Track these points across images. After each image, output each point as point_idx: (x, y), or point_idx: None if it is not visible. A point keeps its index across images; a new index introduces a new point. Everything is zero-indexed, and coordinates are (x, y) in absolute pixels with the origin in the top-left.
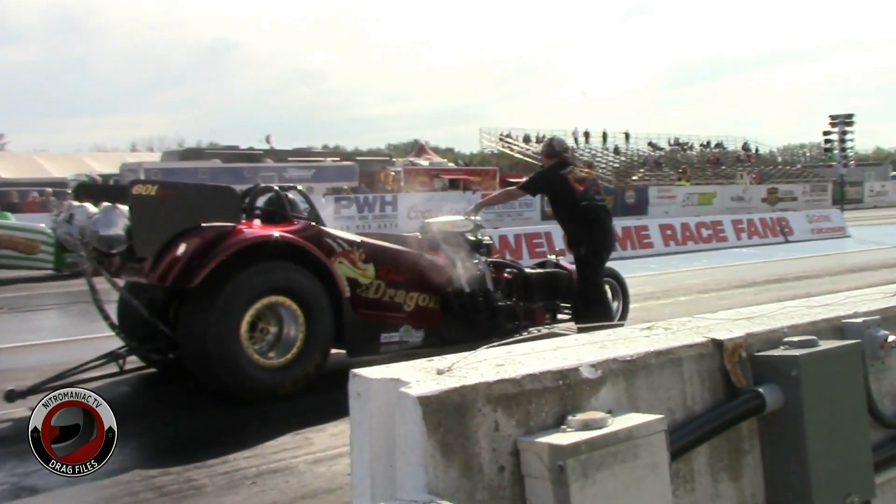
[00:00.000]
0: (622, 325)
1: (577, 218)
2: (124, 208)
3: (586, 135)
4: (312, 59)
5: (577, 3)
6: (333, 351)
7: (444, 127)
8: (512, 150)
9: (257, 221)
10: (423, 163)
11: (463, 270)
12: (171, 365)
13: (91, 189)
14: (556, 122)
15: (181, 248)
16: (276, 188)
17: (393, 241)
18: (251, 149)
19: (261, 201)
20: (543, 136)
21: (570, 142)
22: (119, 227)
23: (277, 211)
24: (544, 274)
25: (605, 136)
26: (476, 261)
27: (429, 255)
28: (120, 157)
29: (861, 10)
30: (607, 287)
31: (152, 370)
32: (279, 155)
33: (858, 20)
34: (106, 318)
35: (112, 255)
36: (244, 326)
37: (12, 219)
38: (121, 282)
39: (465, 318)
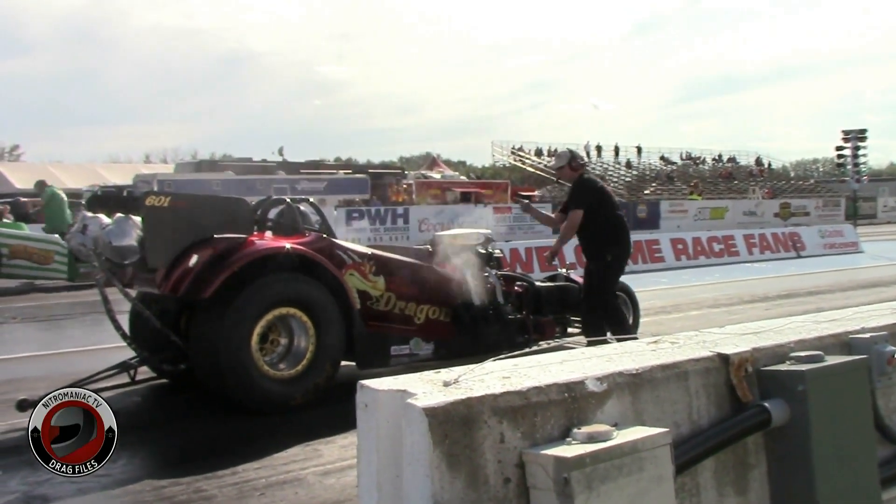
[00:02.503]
0: (635, 338)
1: (613, 225)
2: (137, 219)
3: (598, 149)
4: (326, 71)
5: (588, 17)
6: (343, 363)
7: (456, 140)
8: (524, 163)
9: (269, 233)
10: (436, 175)
11: (473, 283)
12: (183, 375)
13: (104, 200)
14: (567, 135)
15: (193, 259)
16: (288, 200)
17: (403, 254)
18: (264, 161)
19: (272, 213)
20: (555, 150)
21: (581, 155)
22: (132, 238)
23: (289, 223)
24: (555, 287)
25: (616, 150)
26: (486, 274)
27: (439, 268)
28: (134, 168)
29: (874, 25)
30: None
31: (163, 381)
32: (292, 167)
33: (872, 35)
34: (118, 328)
35: (125, 266)
36: (255, 337)
37: (26, 229)
38: (133, 292)
39: (474, 331)
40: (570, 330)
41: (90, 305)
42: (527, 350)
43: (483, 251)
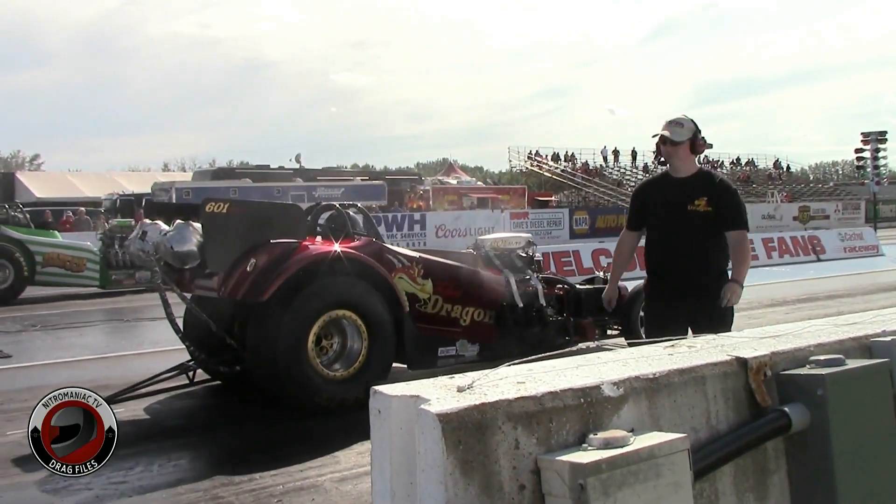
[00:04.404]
0: (683, 340)
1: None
2: (197, 225)
3: (615, 153)
4: (341, 79)
5: (604, 22)
6: None
7: (473, 146)
8: (541, 168)
9: (318, 238)
10: (452, 181)
11: (516, 286)
12: (238, 377)
13: (163, 207)
14: (584, 140)
15: (251, 264)
16: (337, 206)
17: (448, 258)
18: (281, 168)
19: (322, 218)
20: (572, 155)
21: (598, 160)
22: (192, 244)
23: (339, 228)
24: (593, 290)
25: (634, 154)
26: (528, 276)
27: (483, 271)
28: (152, 176)
29: (893, 27)
30: None
31: (182, 389)
32: (309, 174)
33: (891, 37)
34: (178, 331)
35: (183, 271)
36: (311, 339)
37: (59, 237)
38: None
39: (518, 333)
40: (608, 332)
41: (112, 313)
42: (542, 355)
43: (524, 254)
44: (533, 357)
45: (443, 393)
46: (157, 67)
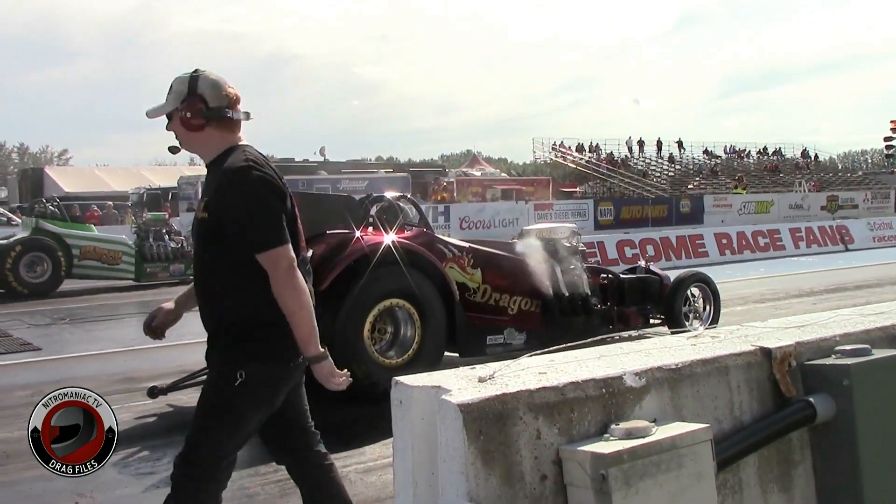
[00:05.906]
0: (715, 328)
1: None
2: None
3: (640, 143)
4: (364, 72)
5: (629, 13)
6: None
7: (497, 138)
8: (565, 159)
9: (371, 228)
10: (476, 173)
11: (562, 275)
12: None
13: None
14: (609, 131)
15: (308, 254)
16: (389, 197)
17: (496, 248)
18: (306, 161)
19: (373, 210)
20: (597, 146)
21: (623, 151)
22: None
23: (391, 218)
24: (636, 279)
25: (659, 144)
26: (573, 266)
27: (530, 261)
28: (178, 170)
29: None
30: (699, 291)
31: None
32: (333, 167)
33: None
34: None
35: None
36: (367, 327)
37: (95, 231)
38: None
39: (564, 322)
40: (651, 321)
41: (141, 305)
42: (563, 345)
43: (569, 244)
44: (555, 347)
45: (464, 383)
46: (182, 62)
